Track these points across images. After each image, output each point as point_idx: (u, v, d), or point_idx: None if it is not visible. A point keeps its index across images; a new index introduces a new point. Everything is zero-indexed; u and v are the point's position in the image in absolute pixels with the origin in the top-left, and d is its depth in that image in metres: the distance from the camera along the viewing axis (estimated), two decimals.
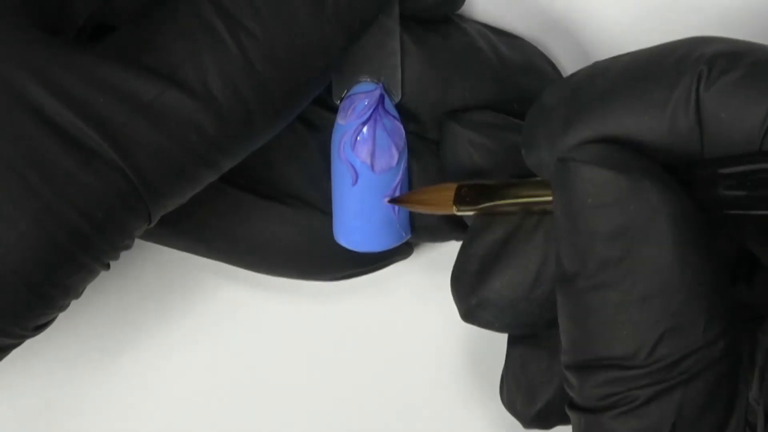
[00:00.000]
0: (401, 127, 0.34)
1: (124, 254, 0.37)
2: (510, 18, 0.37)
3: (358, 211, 0.34)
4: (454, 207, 0.31)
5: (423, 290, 0.39)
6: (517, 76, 0.35)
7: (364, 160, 0.34)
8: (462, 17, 0.36)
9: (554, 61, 0.37)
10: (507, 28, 0.37)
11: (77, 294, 0.30)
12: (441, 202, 0.32)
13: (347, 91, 0.34)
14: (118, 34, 0.29)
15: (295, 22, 0.29)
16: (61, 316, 0.37)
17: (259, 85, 0.29)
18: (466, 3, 0.36)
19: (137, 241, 0.36)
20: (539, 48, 0.37)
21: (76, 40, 0.29)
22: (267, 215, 0.35)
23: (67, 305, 0.30)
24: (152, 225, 0.30)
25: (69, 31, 0.30)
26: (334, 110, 0.34)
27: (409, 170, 0.35)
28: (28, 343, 0.35)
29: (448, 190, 0.32)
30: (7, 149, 0.27)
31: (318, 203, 0.35)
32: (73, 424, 0.39)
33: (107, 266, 0.30)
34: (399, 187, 0.34)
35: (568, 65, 0.37)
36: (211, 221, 0.34)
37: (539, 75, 0.36)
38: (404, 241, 0.35)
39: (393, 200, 0.34)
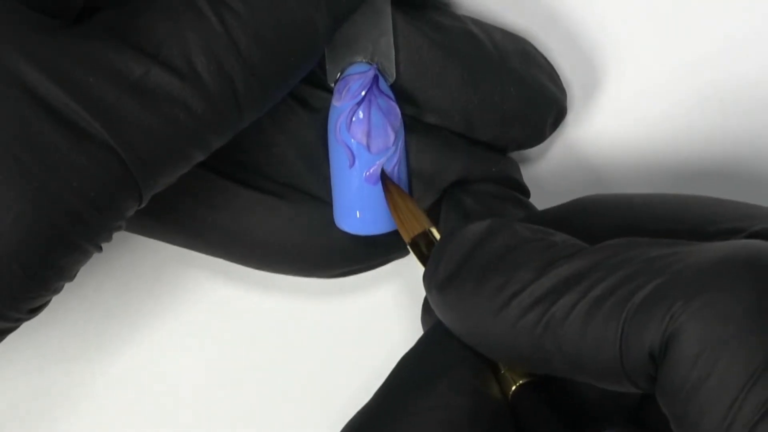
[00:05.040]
0: (396, 107, 0.34)
1: (122, 250, 0.38)
2: (498, 12, 0.37)
3: (356, 193, 0.34)
4: (409, 242, 0.32)
5: (421, 288, 0.38)
6: (513, 62, 0.35)
7: (360, 140, 0.33)
8: (452, 10, 0.36)
9: (545, 54, 0.37)
10: (495, 23, 0.37)
11: (71, 276, 0.30)
12: (406, 224, 0.32)
13: (341, 73, 0.34)
14: (105, 13, 0.29)
15: (280, 1, 0.29)
16: (59, 312, 0.37)
17: (244, 63, 0.29)
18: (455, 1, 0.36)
19: (135, 237, 0.36)
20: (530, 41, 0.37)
21: (70, 21, 0.30)
22: (264, 210, 0.35)
23: (61, 288, 0.30)
24: (143, 205, 0.30)
25: (69, 15, 0.30)
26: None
27: (406, 151, 0.34)
28: (26, 339, 0.35)
29: (419, 224, 0.32)
30: (1, 131, 0.27)
31: (317, 190, 0.35)
32: (72, 420, 0.39)
33: (100, 248, 0.30)
34: (397, 167, 0.34)
35: (559, 59, 0.37)
36: (207, 216, 0.34)
37: (534, 62, 0.36)
38: None
39: (384, 175, 0.34)
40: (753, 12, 0.38)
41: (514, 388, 0.29)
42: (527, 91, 0.35)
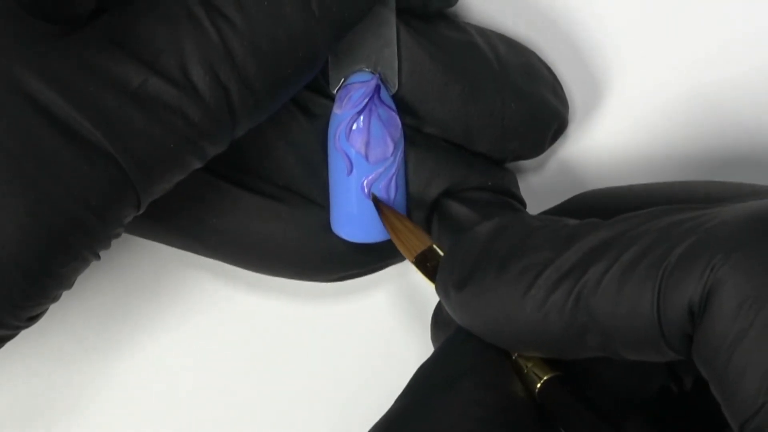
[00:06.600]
0: (397, 117, 0.34)
1: (121, 252, 0.38)
2: (506, 21, 0.37)
3: (354, 201, 0.34)
4: (414, 260, 0.32)
5: (421, 292, 0.39)
6: (515, 76, 0.35)
7: (358, 150, 0.34)
8: (458, 18, 0.36)
9: (550, 65, 0.37)
10: (502, 31, 0.37)
11: (69, 285, 0.30)
12: (407, 244, 0.32)
13: (344, 81, 0.34)
14: (106, 19, 0.29)
15: (278, 13, 0.29)
16: (59, 314, 0.37)
17: (239, 74, 0.29)
18: (462, 6, 0.36)
19: (135, 239, 0.36)
20: (535, 51, 0.37)
21: (71, 27, 0.30)
22: (263, 213, 0.35)
23: (59, 296, 0.30)
24: (141, 212, 0.30)
25: (76, 23, 0.30)
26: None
27: (405, 162, 0.35)
28: (26, 341, 0.35)
29: (421, 242, 0.32)
30: (4, 139, 0.27)
31: (316, 196, 0.35)
32: (71, 421, 0.39)
33: (98, 256, 0.30)
34: (395, 178, 0.34)
35: (564, 69, 0.37)
36: (206, 219, 0.35)
37: (537, 76, 0.36)
38: None
39: (376, 199, 0.34)
40: (754, 13, 0.38)
41: (539, 385, 0.28)
42: (528, 106, 0.35)
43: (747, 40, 0.38)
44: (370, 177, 0.34)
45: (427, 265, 0.32)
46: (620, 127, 0.38)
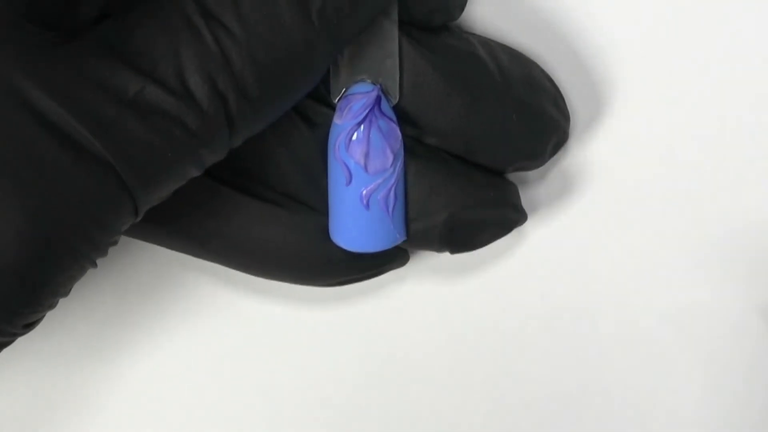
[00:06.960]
0: (397, 129, 0.34)
1: (122, 255, 0.38)
2: (508, 32, 0.37)
3: (352, 211, 0.34)
4: None
5: (420, 298, 0.39)
6: (517, 88, 0.35)
7: (358, 160, 0.34)
8: (461, 28, 0.36)
9: (552, 76, 0.37)
10: (505, 42, 0.37)
11: (66, 292, 0.30)
12: None
13: (345, 91, 0.34)
14: (104, 26, 0.29)
15: (277, 24, 0.29)
16: (59, 316, 0.37)
17: (237, 83, 0.29)
18: (464, 16, 0.36)
19: (135, 242, 0.37)
20: (538, 62, 0.37)
21: (68, 34, 0.30)
22: (264, 218, 0.35)
23: (56, 304, 0.30)
24: (138, 220, 0.30)
25: (78, 29, 0.30)
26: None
27: (405, 173, 0.35)
28: (27, 343, 0.35)
29: None
30: (2, 147, 0.28)
31: (315, 203, 0.35)
32: (71, 423, 0.39)
33: (95, 264, 0.30)
34: (394, 189, 0.34)
35: (567, 80, 0.37)
36: (206, 222, 0.35)
37: (538, 87, 0.36)
38: (398, 243, 0.35)
39: None
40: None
41: None
42: (529, 118, 0.35)
43: (756, 53, 0.38)
44: (369, 188, 0.34)
45: None
46: (623, 139, 0.38)
